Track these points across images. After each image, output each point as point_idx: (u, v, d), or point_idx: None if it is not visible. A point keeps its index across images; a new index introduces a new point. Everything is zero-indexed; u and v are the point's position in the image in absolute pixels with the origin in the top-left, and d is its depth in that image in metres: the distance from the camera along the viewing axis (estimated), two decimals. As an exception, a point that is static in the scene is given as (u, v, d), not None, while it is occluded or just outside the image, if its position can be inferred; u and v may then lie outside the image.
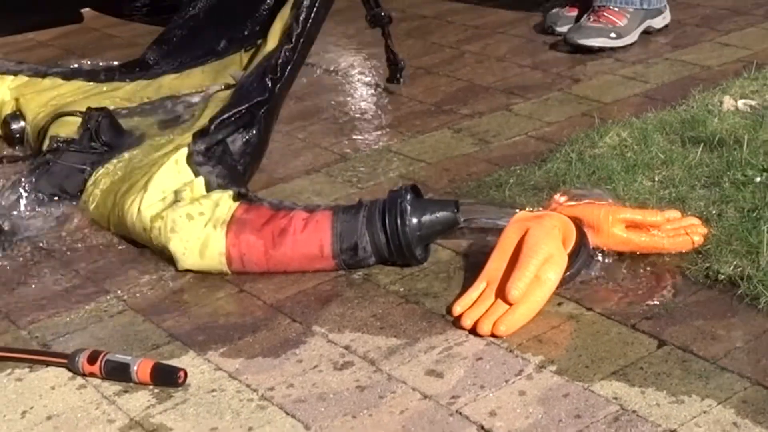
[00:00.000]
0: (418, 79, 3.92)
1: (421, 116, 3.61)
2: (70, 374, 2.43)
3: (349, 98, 3.90)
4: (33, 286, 2.82)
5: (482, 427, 2.16)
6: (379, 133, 3.46)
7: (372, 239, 2.72)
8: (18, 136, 3.67)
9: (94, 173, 3.26)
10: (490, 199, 3.01)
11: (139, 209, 2.96)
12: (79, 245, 3.00)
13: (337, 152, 3.44)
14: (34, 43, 4.58)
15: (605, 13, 4.06)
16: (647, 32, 4.11)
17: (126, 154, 3.32)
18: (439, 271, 2.72)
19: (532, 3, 4.55)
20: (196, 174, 3.06)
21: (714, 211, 2.78)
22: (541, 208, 2.74)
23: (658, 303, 2.51)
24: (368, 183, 3.23)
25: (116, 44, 4.40)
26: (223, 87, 3.62)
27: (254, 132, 3.30)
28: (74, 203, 3.21)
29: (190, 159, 3.10)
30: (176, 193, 2.98)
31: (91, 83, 3.86)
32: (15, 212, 3.17)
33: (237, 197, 2.93)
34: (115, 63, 3.99)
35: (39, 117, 3.65)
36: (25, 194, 3.21)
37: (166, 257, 2.90)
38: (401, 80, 3.88)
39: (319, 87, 3.97)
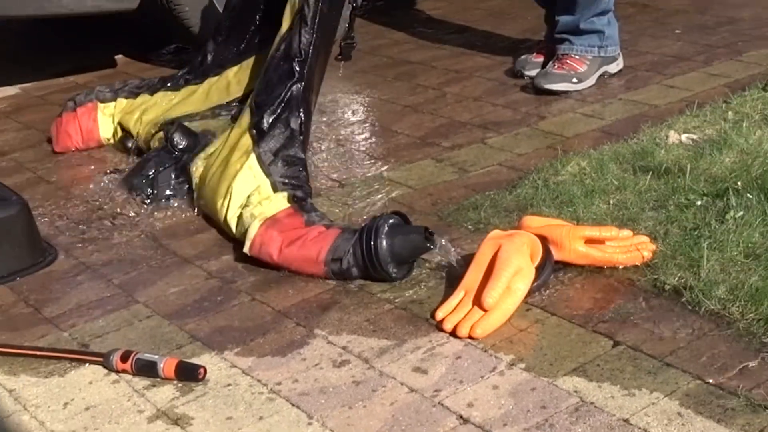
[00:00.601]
0: (406, 116, 3.93)
1: (408, 148, 3.61)
2: (105, 371, 2.43)
3: (346, 133, 3.89)
4: (74, 295, 2.81)
5: (461, 417, 2.16)
6: (371, 162, 3.46)
7: (353, 253, 2.72)
8: (134, 149, 3.72)
9: (192, 170, 3.35)
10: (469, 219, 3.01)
11: (225, 217, 3.05)
12: (115, 258, 3.00)
13: (336, 179, 3.44)
14: (73, 85, 4.58)
15: (568, 60, 4.06)
16: (603, 76, 4.11)
17: (210, 149, 3.38)
18: (423, 281, 2.71)
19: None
20: (267, 174, 3.10)
21: (661, 230, 2.78)
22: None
23: (612, 309, 2.51)
24: (361, 204, 3.22)
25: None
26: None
27: (301, 111, 3.29)
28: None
29: (260, 161, 3.13)
30: (248, 197, 3.05)
31: (171, 92, 3.84)
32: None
33: (291, 200, 2.99)
34: (185, 70, 3.94)
35: (141, 133, 3.71)
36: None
37: (189, 270, 2.91)
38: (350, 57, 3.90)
39: (319, 123, 3.95)
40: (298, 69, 3.31)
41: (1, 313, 2.75)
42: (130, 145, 3.75)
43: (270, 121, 3.22)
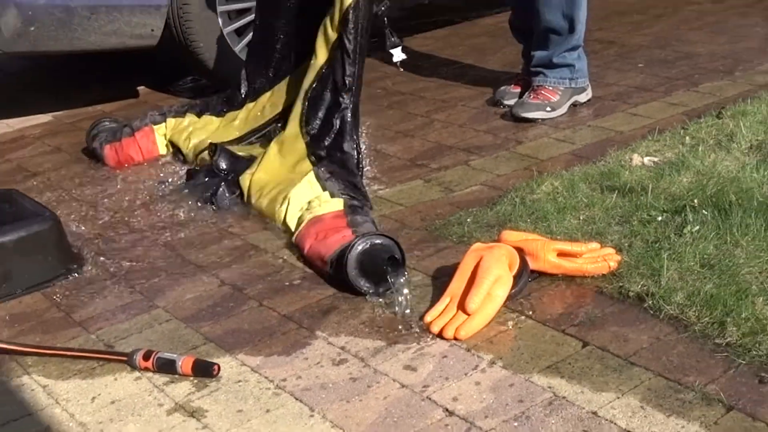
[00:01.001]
0: (398, 140, 3.92)
1: (400, 169, 3.61)
2: (129, 369, 2.43)
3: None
4: (100, 301, 2.82)
5: (447, 410, 2.17)
6: (367, 182, 3.45)
7: (338, 259, 2.73)
8: (183, 161, 3.81)
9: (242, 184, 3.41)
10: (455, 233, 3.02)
11: (285, 219, 3.14)
12: (137, 267, 3.00)
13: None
14: (100, 113, 4.58)
15: (542, 91, 4.06)
16: (574, 105, 4.11)
17: (255, 166, 3.44)
18: (414, 289, 2.70)
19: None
20: (323, 188, 3.16)
21: (625, 243, 2.78)
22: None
23: (582, 313, 2.51)
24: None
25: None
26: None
27: (354, 135, 3.36)
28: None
29: (318, 178, 3.19)
30: (309, 203, 3.12)
31: (215, 117, 3.89)
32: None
33: (346, 205, 3.06)
34: (224, 98, 4.00)
35: (188, 152, 3.78)
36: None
37: (203, 278, 2.90)
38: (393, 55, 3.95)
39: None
40: (346, 100, 3.39)
41: (36, 317, 2.75)
42: (181, 158, 3.85)
43: (326, 147, 3.33)
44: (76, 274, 2.98)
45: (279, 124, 3.65)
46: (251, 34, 4.43)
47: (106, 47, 4.28)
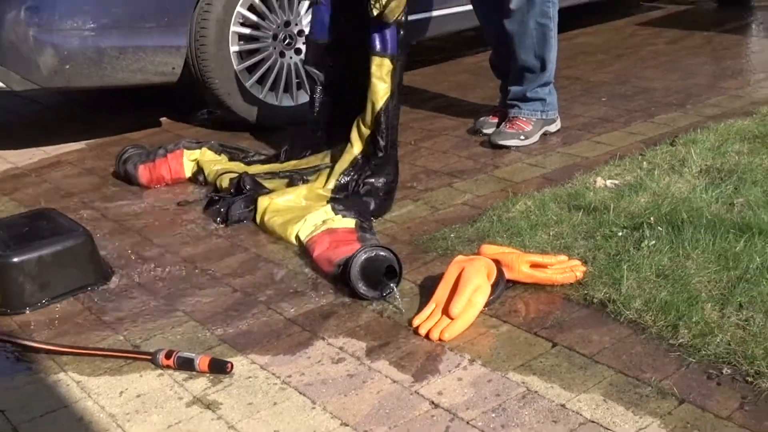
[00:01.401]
0: (390, 165, 3.93)
1: (391, 191, 3.61)
2: (152, 366, 2.44)
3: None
4: (127, 306, 2.81)
5: (432, 402, 2.17)
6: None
7: (345, 262, 2.75)
8: (203, 182, 3.83)
9: (258, 203, 3.42)
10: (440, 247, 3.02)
11: (297, 234, 3.17)
12: (160, 277, 3.00)
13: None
14: (127, 140, 4.57)
15: (517, 122, 4.07)
16: (545, 134, 4.12)
17: (277, 194, 3.46)
18: (403, 296, 2.71)
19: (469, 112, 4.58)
20: (336, 213, 3.20)
21: (590, 256, 2.78)
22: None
23: (551, 318, 2.52)
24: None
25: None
26: (329, 165, 3.64)
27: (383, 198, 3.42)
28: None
29: (333, 210, 3.22)
30: (324, 221, 3.15)
31: (243, 164, 3.88)
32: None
33: (357, 224, 3.12)
34: (262, 153, 4.07)
35: (210, 172, 3.80)
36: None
37: (218, 286, 2.90)
38: None
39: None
40: (377, 181, 3.45)
41: (71, 320, 2.75)
42: (200, 178, 3.86)
43: (346, 197, 3.39)
44: (106, 283, 2.98)
45: (304, 175, 3.68)
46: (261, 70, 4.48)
47: (132, 83, 4.29)
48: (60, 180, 4.09)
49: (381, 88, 3.42)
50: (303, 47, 4.53)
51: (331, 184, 3.47)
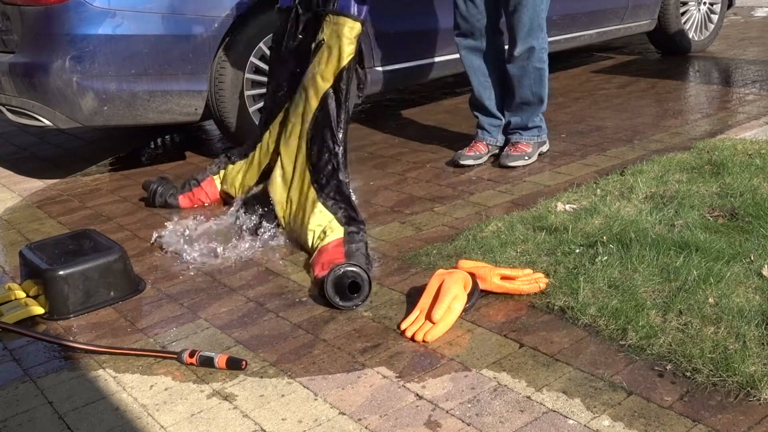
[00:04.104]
0: (380, 192, 3.93)
1: (381, 215, 3.61)
2: (178, 364, 2.44)
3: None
4: (157, 313, 2.81)
5: (417, 395, 2.18)
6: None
7: (322, 282, 2.77)
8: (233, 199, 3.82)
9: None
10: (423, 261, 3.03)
11: (312, 245, 3.14)
12: (185, 289, 3.01)
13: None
14: (156, 171, 4.58)
15: (519, 146, 4.18)
16: (540, 154, 4.27)
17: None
18: (392, 304, 2.72)
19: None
20: (333, 213, 3.17)
21: (552, 269, 2.80)
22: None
23: (519, 322, 2.52)
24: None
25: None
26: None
27: (344, 167, 3.35)
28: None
29: (326, 207, 3.19)
30: (323, 231, 3.13)
31: (243, 161, 3.86)
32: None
33: (345, 233, 3.07)
34: (249, 144, 3.98)
35: (237, 190, 3.80)
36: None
37: (234, 297, 2.91)
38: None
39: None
40: (338, 139, 3.36)
41: (108, 325, 2.75)
42: (231, 194, 3.87)
43: (325, 176, 3.30)
44: (139, 294, 2.98)
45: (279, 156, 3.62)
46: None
47: (160, 122, 4.30)
48: (99, 205, 4.09)
49: (349, 48, 3.37)
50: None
51: (308, 158, 3.39)
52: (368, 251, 3.03)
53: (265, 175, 3.69)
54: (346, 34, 3.37)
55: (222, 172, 3.94)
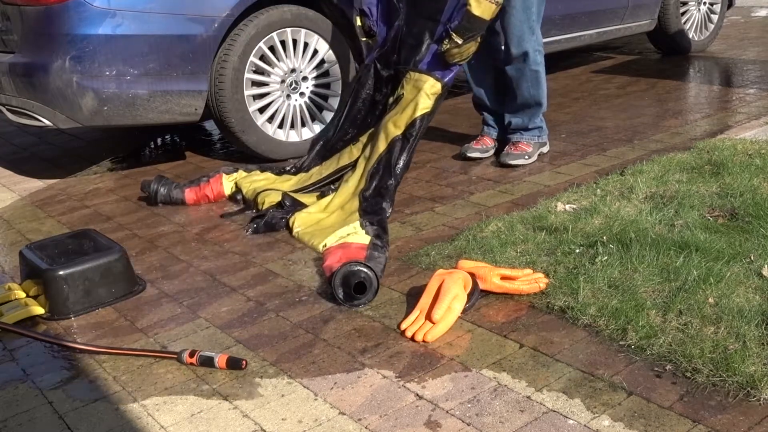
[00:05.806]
0: (381, 192, 3.93)
1: (383, 214, 3.62)
2: (178, 364, 2.44)
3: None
4: (157, 313, 2.81)
5: (417, 395, 2.18)
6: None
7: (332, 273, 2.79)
8: (241, 200, 3.92)
9: (291, 219, 3.49)
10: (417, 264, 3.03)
11: (325, 244, 3.20)
12: (184, 288, 3.01)
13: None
14: (157, 171, 4.58)
15: (520, 145, 4.21)
16: (540, 154, 4.29)
17: (312, 209, 3.56)
18: (392, 304, 2.72)
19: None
20: (365, 231, 3.24)
21: (551, 269, 2.79)
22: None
23: (519, 322, 2.52)
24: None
25: (205, 173, 4.39)
26: (350, 169, 3.83)
27: (390, 200, 3.55)
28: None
29: (362, 226, 3.28)
30: (348, 234, 3.20)
31: (273, 175, 4.05)
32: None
33: (371, 242, 3.12)
34: (288, 167, 4.15)
35: (249, 192, 3.87)
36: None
37: (234, 296, 2.90)
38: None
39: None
40: (395, 177, 3.61)
41: (108, 325, 2.75)
42: (239, 198, 3.95)
43: (371, 204, 3.47)
44: (139, 294, 2.98)
45: (332, 186, 3.80)
46: (273, 112, 4.50)
47: (160, 122, 4.30)
48: (98, 205, 4.09)
49: (426, 103, 3.69)
50: (307, 91, 4.58)
51: (362, 191, 3.57)
52: (384, 268, 3.03)
53: (302, 189, 3.86)
54: (426, 90, 3.73)
55: (235, 174, 4.06)
